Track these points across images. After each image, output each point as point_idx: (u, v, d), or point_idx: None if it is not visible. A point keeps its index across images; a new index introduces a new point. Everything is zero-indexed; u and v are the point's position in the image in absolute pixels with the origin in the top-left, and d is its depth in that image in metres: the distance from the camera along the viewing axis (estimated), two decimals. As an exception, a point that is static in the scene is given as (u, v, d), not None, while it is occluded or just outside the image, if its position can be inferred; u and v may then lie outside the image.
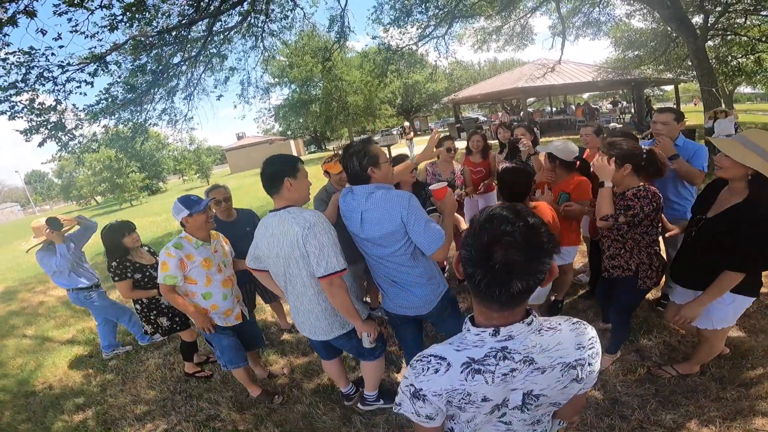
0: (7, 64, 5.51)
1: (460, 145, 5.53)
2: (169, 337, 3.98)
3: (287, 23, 9.30)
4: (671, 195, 3.14)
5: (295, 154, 35.73)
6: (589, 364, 1.02)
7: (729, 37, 13.14)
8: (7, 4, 4.72)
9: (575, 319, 1.06)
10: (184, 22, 7.18)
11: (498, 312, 0.95)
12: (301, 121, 29.88)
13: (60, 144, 7.24)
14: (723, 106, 10.67)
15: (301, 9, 9.37)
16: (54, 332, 5.37)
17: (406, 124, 15.87)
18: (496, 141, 5.21)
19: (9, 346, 5.25)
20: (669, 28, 11.31)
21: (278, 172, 2.09)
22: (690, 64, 12.31)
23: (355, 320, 2.18)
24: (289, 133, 35.24)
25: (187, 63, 8.15)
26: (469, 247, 0.90)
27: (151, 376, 3.76)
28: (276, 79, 25.21)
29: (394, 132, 31.76)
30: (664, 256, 3.68)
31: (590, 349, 1.02)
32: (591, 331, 1.04)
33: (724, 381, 2.56)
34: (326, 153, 34.72)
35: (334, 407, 2.91)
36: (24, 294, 7.68)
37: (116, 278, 3.28)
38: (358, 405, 2.81)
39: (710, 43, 13.31)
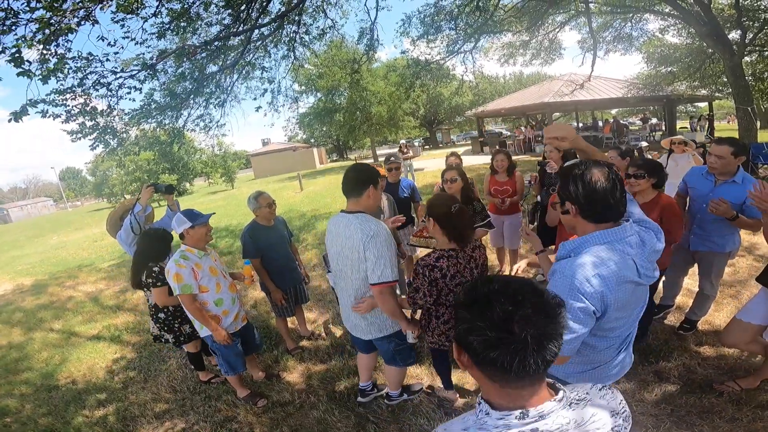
0: (66, 68, 5.61)
1: (485, 159, 5.48)
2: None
3: (318, 34, 9.51)
4: (714, 233, 3.01)
5: (317, 161, 36.30)
6: (624, 429, 0.96)
7: (767, 54, 12.72)
8: (78, 11, 4.89)
9: (599, 385, 1.01)
10: (223, 33, 7.45)
11: (530, 387, 0.84)
12: (324, 129, 30.33)
13: (108, 147, 7.56)
14: (758, 124, 10.31)
15: (332, 20, 9.56)
16: (81, 327, 5.54)
17: (402, 141, 15.18)
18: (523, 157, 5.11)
19: (36, 339, 5.42)
20: (705, 44, 11.03)
21: (366, 179, 2.28)
22: (726, 80, 11.97)
23: (402, 322, 2.37)
24: (312, 140, 35.79)
25: (224, 71, 8.42)
26: (481, 331, 0.79)
27: (172, 375, 3.83)
28: (303, 87, 25.69)
29: (416, 143, 31.86)
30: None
31: (623, 413, 0.97)
32: (618, 394, 1.01)
33: (740, 402, 2.54)
34: (348, 162, 35.02)
35: (348, 414, 2.92)
36: (54, 288, 7.95)
37: (158, 284, 3.12)
38: (385, 400, 2.95)
39: (747, 59, 12.89)
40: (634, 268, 1.43)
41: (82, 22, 4.93)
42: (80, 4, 4.79)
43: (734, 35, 10.78)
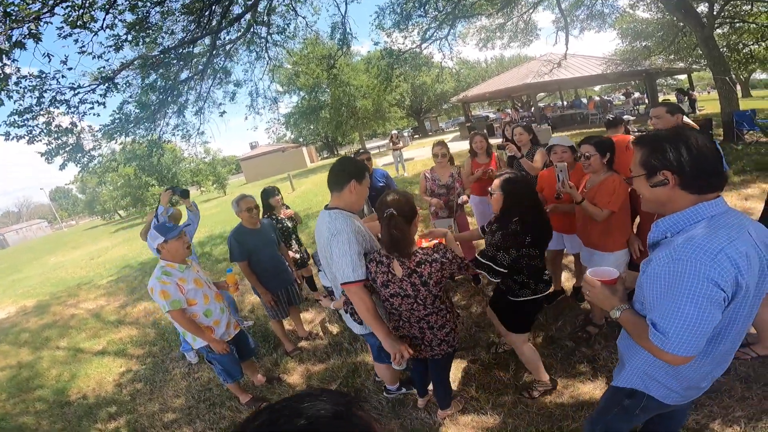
0: (20, 88, 5.59)
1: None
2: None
3: (290, 33, 9.45)
4: None
5: (307, 160, 36.21)
6: None
7: (738, 25, 12.88)
8: (10, 30, 4.81)
9: None
10: (187, 39, 7.36)
11: None
12: (312, 127, 30.29)
13: (80, 165, 7.50)
14: (739, 92, 10.44)
15: (303, 18, 9.52)
16: (86, 344, 5.66)
17: (394, 132, 15.24)
18: (502, 141, 5.01)
19: (44, 357, 5.55)
20: (675, 18, 11.16)
21: (349, 172, 2.18)
22: (701, 52, 12.13)
23: (377, 332, 2.12)
24: (301, 140, 35.71)
25: (194, 78, 8.36)
26: None
27: (177, 384, 3.96)
28: (284, 87, 25.60)
29: (406, 133, 31.83)
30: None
31: None
32: None
33: (749, 380, 2.47)
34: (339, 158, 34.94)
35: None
36: (56, 307, 8.06)
37: None
38: (384, 393, 3.01)
39: (719, 31, 13.07)
40: (754, 244, 1.20)
41: (25, 39, 4.87)
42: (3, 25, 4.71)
43: (703, 8, 10.93)
